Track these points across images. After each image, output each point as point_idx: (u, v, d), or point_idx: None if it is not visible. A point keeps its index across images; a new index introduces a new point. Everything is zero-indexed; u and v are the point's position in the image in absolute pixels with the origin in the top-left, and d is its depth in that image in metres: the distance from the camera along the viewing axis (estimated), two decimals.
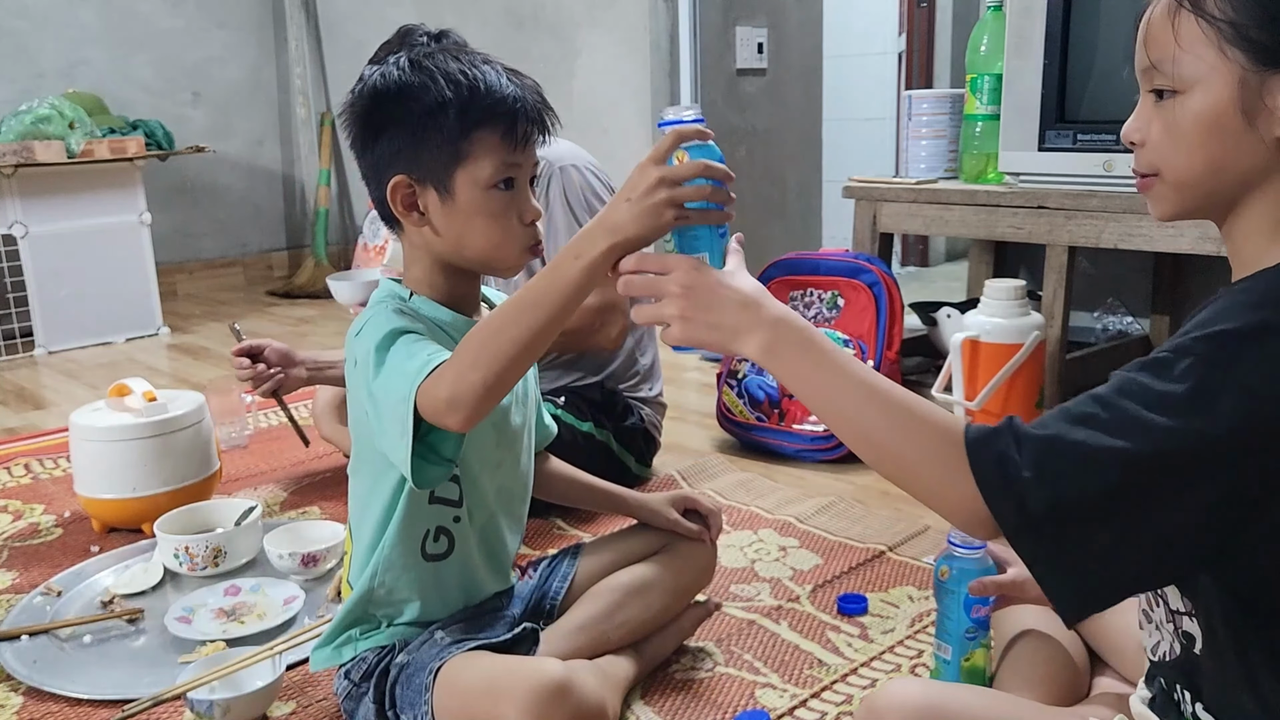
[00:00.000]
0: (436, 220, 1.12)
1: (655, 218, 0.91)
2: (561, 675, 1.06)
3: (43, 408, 2.77)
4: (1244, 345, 0.70)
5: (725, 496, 1.95)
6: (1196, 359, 0.70)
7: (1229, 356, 0.70)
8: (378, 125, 1.12)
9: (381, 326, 1.06)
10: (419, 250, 1.16)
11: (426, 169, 1.10)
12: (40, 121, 3.22)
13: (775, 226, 3.78)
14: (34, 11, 3.94)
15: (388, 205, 1.13)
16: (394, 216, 1.14)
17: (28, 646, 1.44)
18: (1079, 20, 1.96)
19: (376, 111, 1.11)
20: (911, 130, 2.43)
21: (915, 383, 2.23)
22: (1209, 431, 0.68)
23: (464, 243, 1.13)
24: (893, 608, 1.51)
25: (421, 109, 1.09)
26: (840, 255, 2.26)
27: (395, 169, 1.11)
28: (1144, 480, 0.70)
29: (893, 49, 4.52)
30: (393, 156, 1.11)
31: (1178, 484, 0.70)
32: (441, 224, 1.12)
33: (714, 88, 3.48)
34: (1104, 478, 0.70)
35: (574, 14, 3.53)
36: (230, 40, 4.48)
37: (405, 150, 1.10)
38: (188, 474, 1.83)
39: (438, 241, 1.13)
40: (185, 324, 3.78)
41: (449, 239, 1.13)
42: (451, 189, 1.11)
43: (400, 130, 1.10)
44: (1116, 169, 1.94)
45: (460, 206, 1.11)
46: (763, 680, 1.33)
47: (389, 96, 1.10)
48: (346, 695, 1.19)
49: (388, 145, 1.11)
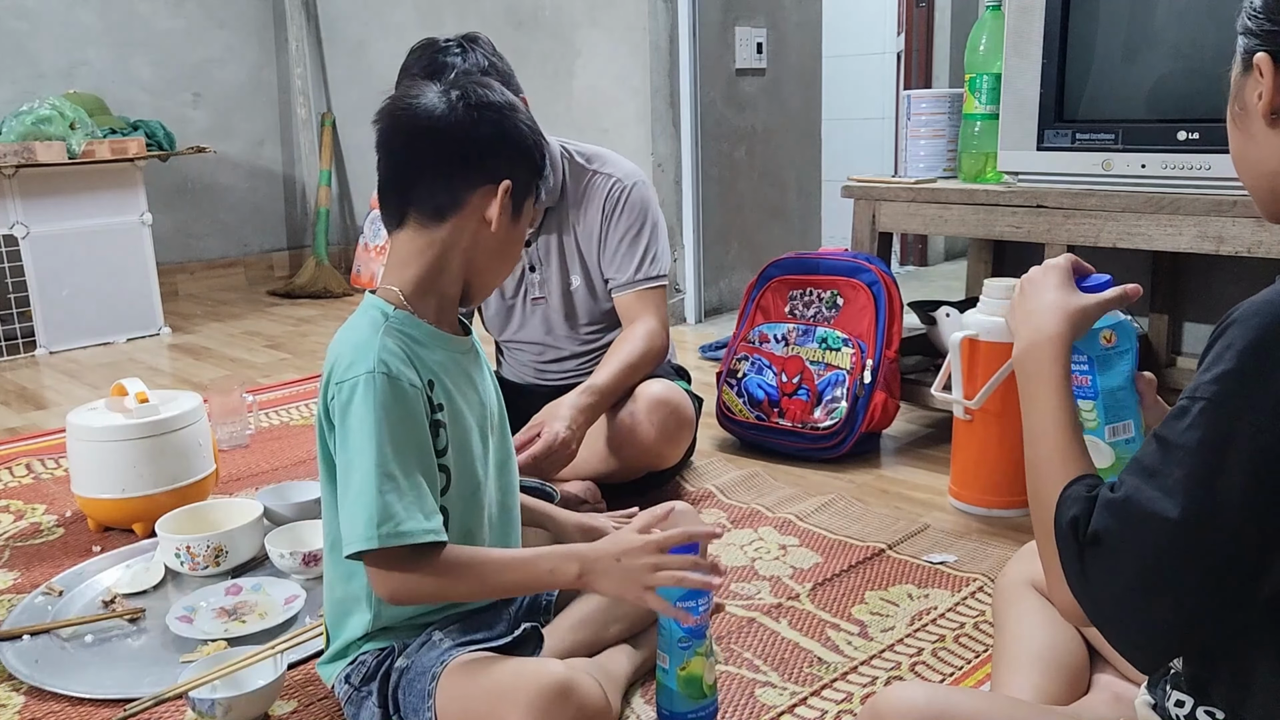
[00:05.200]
0: (491, 236, 1.15)
1: (635, 587, 1.10)
2: (564, 677, 1.06)
3: (44, 408, 2.77)
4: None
5: (726, 495, 1.95)
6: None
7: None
8: (508, 127, 1.15)
9: (371, 418, 1.06)
10: (427, 254, 1.15)
11: (522, 186, 1.17)
12: (41, 122, 3.23)
13: (774, 226, 3.79)
14: (34, 12, 3.94)
15: (453, 196, 1.13)
16: (423, 213, 1.14)
17: (29, 646, 1.44)
18: (1077, 20, 1.96)
19: (511, 114, 1.16)
20: (910, 130, 2.44)
21: (914, 381, 2.23)
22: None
23: (493, 263, 1.19)
24: (892, 606, 1.51)
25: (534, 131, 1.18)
26: (839, 255, 2.26)
27: (504, 174, 1.14)
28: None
29: (891, 49, 4.52)
30: (507, 161, 1.14)
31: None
32: (494, 239, 1.15)
33: (713, 88, 3.48)
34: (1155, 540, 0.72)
35: (574, 14, 3.53)
36: (231, 41, 4.48)
37: (519, 161, 1.16)
38: (180, 475, 1.84)
39: (478, 250, 1.16)
40: (186, 324, 3.79)
41: (487, 254, 1.17)
42: (522, 211, 1.18)
43: (520, 141, 1.16)
44: (1115, 168, 1.95)
45: (518, 229, 1.18)
46: (762, 678, 1.33)
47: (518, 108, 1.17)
48: (348, 700, 1.18)
49: (507, 148, 1.15)
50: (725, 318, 3.55)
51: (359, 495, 1.04)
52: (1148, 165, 1.90)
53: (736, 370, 2.22)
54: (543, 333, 2.00)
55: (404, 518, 1.04)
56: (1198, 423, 0.71)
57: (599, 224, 1.92)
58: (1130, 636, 0.76)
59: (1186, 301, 2.46)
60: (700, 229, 3.53)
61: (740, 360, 2.22)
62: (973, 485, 1.86)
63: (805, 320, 2.20)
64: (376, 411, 1.05)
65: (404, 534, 1.04)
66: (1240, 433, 0.69)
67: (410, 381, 1.09)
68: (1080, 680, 1.13)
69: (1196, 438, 0.70)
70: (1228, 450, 0.69)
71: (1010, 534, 1.75)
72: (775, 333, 2.20)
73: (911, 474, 2.08)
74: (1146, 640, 0.76)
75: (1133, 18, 1.92)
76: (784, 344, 2.18)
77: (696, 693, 1.20)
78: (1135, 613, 0.75)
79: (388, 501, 1.03)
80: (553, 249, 1.95)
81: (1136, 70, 1.94)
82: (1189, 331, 2.48)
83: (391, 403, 1.06)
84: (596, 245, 1.93)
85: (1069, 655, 1.14)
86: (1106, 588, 0.76)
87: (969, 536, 1.75)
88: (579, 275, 1.95)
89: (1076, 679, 1.12)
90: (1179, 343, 2.48)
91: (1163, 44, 1.91)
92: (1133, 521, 0.73)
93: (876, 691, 1.29)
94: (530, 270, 1.97)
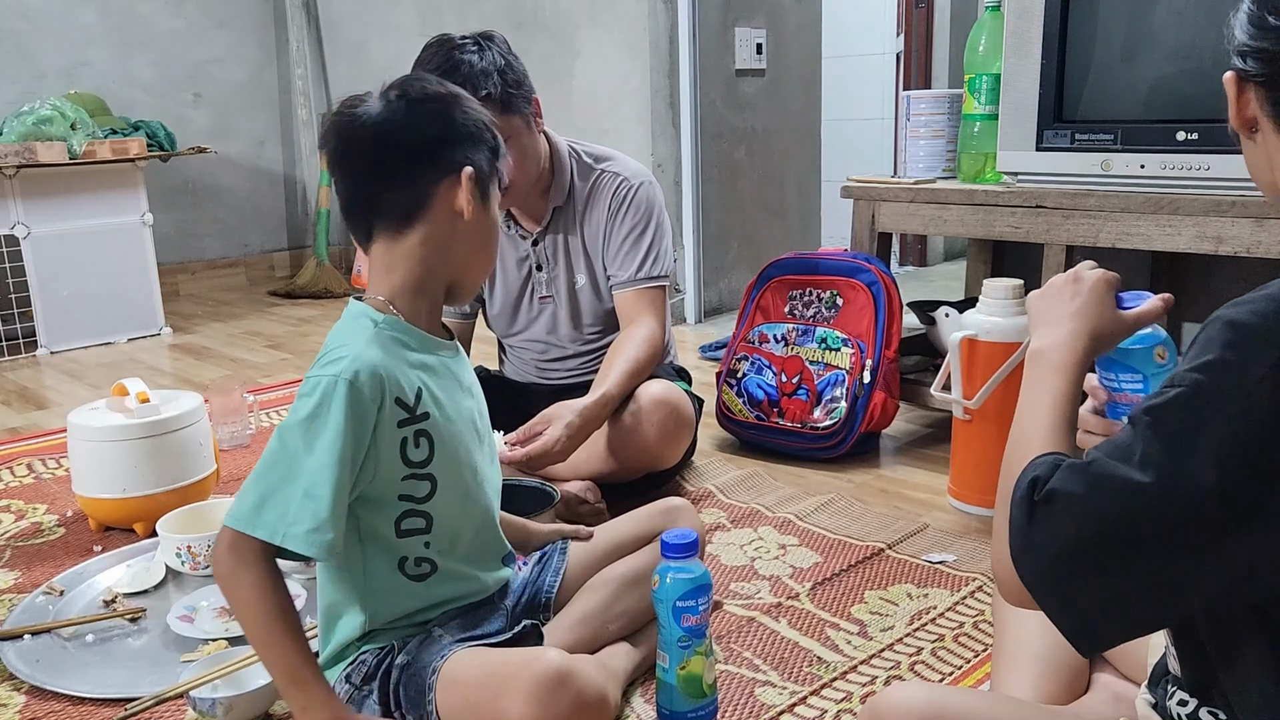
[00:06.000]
0: (466, 225, 1.12)
1: None
2: (562, 663, 1.07)
3: (45, 408, 2.77)
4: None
5: (725, 494, 1.96)
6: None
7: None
8: (455, 116, 1.12)
9: (319, 419, 1.04)
10: (409, 259, 1.13)
11: (484, 170, 1.14)
12: (42, 123, 3.23)
13: (774, 226, 3.79)
14: (35, 13, 3.94)
15: (418, 196, 1.10)
16: (393, 220, 1.11)
17: (30, 646, 1.44)
18: (1077, 20, 1.96)
19: (455, 102, 1.13)
20: (910, 130, 2.44)
21: (914, 381, 2.23)
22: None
23: (474, 255, 1.16)
24: (892, 605, 1.52)
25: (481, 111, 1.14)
26: (839, 255, 2.26)
27: (463, 162, 1.11)
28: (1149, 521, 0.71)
29: (891, 49, 4.53)
30: (463, 149, 1.12)
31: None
32: (469, 229, 1.13)
33: (713, 88, 3.48)
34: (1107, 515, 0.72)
35: (574, 14, 3.54)
36: (231, 41, 4.49)
37: (475, 146, 1.13)
38: (180, 475, 1.84)
39: (456, 244, 1.13)
40: (187, 324, 3.79)
41: (466, 246, 1.14)
42: (489, 195, 1.15)
43: (471, 126, 1.13)
44: (1114, 169, 1.95)
45: (490, 215, 1.15)
46: (762, 678, 1.33)
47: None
48: (349, 699, 1.18)
49: (460, 136, 1.12)
50: (725, 318, 3.55)
51: (260, 478, 1.05)
52: (1146, 165, 1.91)
53: (736, 370, 2.22)
54: (546, 332, 2.01)
55: (292, 520, 1.02)
56: (1175, 407, 0.71)
57: (605, 222, 1.92)
58: (1064, 603, 0.74)
59: (1186, 301, 2.46)
60: (700, 229, 3.53)
61: (740, 360, 2.22)
62: (972, 485, 1.87)
63: (805, 320, 2.20)
64: (323, 417, 1.03)
65: (290, 538, 1.02)
66: (1217, 419, 0.69)
67: (374, 397, 1.05)
68: (1080, 680, 1.13)
69: (1174, 420, 0.71)
70: (1203, 434, 0.69)
71: None
72: (775, 333, 2.21)
73: (911, 474, 2.08)
74: (1081, 609, 0.74)
75: (1132, 18, 1.93)
76: (784, 344, 2.19)
77: (696, 692, 1.21)
78: (1073, 578, 0.73)
79: (287, 496, 1.03)
80: (560, 248, 1.95)
81: (1135, 71, 1.94)
82: (1188, 331, 2.48)
83: (339, 412, 1.03)
84: (602, 244, 1.93)
85: (1069, 655, 1.13)
86: (1048, 547, 0.74)
87: (968, 536, 1.75)
88: (584, 274, 1.95)
89: (1076, 679, 1.13)
90: (1178, 343, 2.48)
91: (1162, 45, 1.91)
92: (1097, 483, 0.72)
93: (876, 691, 1.29)
94: (537, 269, 1.97)
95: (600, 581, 1.31)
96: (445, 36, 1.78)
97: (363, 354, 1.06)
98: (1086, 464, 0.74)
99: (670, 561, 1.19)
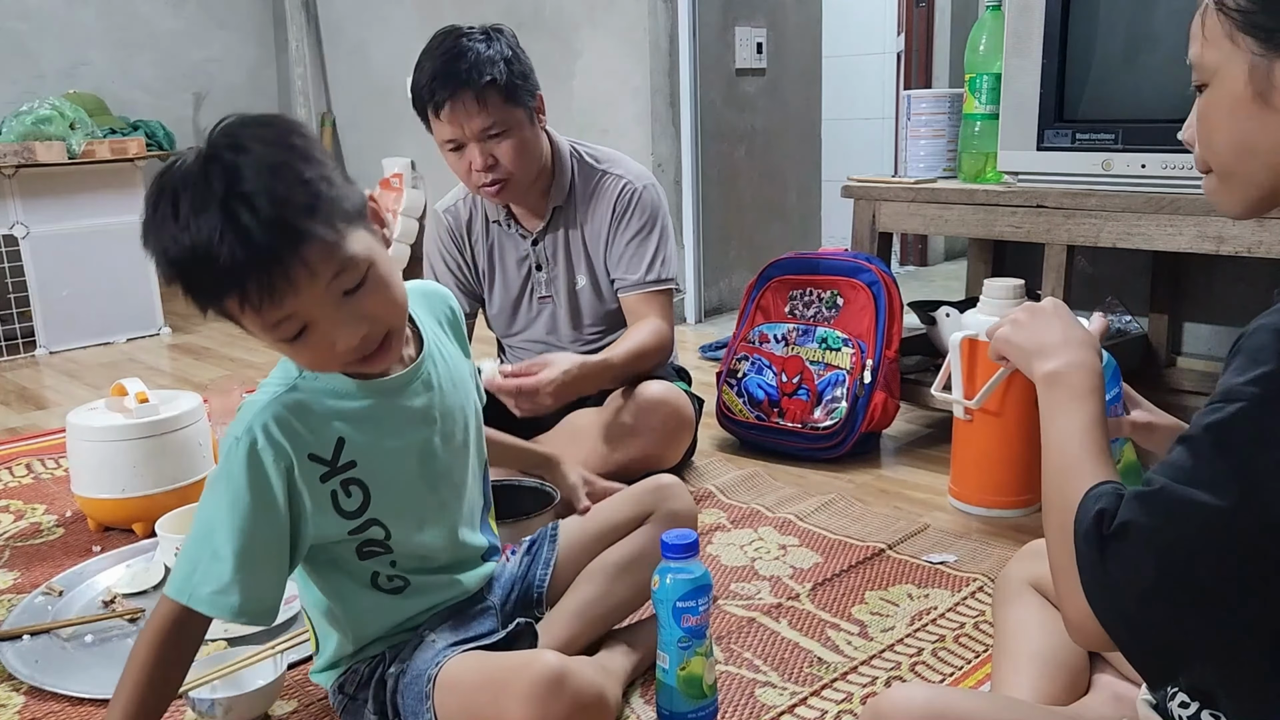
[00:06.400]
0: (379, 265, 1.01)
1: None
2: (558, 665, 1.06)
3: (44, 408, 2.77)
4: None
5: (726, 495, 1.95)
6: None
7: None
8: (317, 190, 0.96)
9: (221, 479, 1.02)
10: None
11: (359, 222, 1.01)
12: (41, 122, 3.23)
13: (774, 226, 3.79)
14: (35, 13, 3.94)
15: (311, 271, 0.98)
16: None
17: (29, 646, 1.44)
18: (1077, 19, 1.96)
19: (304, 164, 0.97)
20: (910, 130, 2.44)
21: (914, 381, 2.23)
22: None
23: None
24: (892, 605, 1.51)
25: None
26: (839, 254, 2.26)
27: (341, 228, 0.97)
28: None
29: (891, 49, 4.52)
30: (325, 220, 0.96)
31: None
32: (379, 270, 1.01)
33: (713, 88, 3.48)
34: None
35: (574, 14, 3.53)
36: (231, 41, 4.49)
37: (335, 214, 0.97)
38: (179, 475, 1.84)
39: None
40: (187, 324, 3.79)
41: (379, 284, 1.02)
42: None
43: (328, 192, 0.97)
44: (1115, 168, 1.95)
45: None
46: (762, 678, 1.33)
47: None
48: (343, 709, 1.18)
49: (323, 205, 0.96)
50: (725, 318, 3.55)
51: (190, 534, 1.04)
52: (1148, 165, 1.90)
53: (736, 370, 2.22)
54: (546, 332, 2.00)
55: (199, 581, 1.01)
56: (1239, 422, 0.68)
57: (608, 224, 1.92)
58: (1150, 642, 0.72)
59: (1186, 301, 2.46)
60: (700, 229, 3.53)
61: (740, 360, 2.22)
62: (973, 485, 1.86)
63: (805, 320, 2.20)
64: (227, 478, 1.02)
65: (195, 599, 1.02)
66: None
67: (279, 457, 1.02)
68: (1080, 680, 1.13)
69: (1243, 435, 0.68)
70: (1270, 450, 0.67)
71: (1010, 534, 1.75)
72: (775, 333, 2.20)
73: (911, 474, 2.08)
74: (1166, 646, 0.71)
75: (1132, 18, 1.92)
76: (784, 344, 2.18)
77: (696, 692, 1.20)
78: (1159, 614, 0.70)
79: (196, 557, 1.02)
80: (560, 248, 1.95)
81: (1136, 70, 1.94)
82: (1189, 331, 2.48)
83: (239, 473, 1.01)
84: (604, 245, 1.93)
85: (1069, 655, 1.13)
86: (1131, 585, 0.70)
87: (969, 536, 1.75)
88: (585, 275, 1.95)
89: (1076, 679, 1.12)
90: (1179, 343, 2.48)
91: (1163, 44, 1.91)
92: (1169, 510, 0.69)
93: (877, 691, 1.29)
94: (537, 269, 1.97)
95: (594, 571, 1.30)
96: (454, 26, 1.78)
97: (261, 414, 1.03)
98: (1155, 491, 0.71)
99: (670, 562, 1.19)
